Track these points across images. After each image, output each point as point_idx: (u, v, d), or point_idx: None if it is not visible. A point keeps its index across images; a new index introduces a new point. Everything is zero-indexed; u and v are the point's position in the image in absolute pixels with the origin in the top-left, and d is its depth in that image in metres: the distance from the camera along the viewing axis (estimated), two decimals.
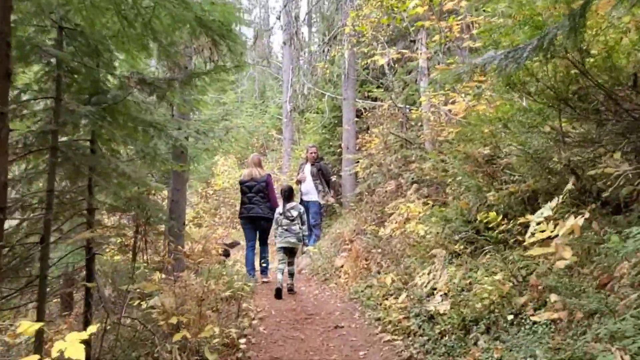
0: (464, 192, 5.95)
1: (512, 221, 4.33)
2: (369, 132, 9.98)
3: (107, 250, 9.89)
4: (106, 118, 4.39)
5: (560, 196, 3.50)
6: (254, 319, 5.77)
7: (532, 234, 3.40)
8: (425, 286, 4.60)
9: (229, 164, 20.83)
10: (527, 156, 4.02)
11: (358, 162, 9.99)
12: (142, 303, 5.32)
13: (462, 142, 5.70)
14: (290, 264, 7.38)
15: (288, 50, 15.04)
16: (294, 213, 7.41)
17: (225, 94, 27.88)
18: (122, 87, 4.52)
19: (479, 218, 4.43)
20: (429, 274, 4.62)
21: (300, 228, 7.39)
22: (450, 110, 6.60)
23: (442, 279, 4.34)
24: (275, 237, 7.53)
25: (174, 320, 4.49)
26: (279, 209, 7.62)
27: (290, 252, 7.37)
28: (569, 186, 3.47)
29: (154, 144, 5.13)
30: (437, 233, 5.69)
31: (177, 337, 3.73)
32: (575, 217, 3.24)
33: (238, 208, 9.03)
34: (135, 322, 4.51)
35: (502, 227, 4.11)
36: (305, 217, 7.73)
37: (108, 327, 4.51)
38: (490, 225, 4.25)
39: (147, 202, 7.36)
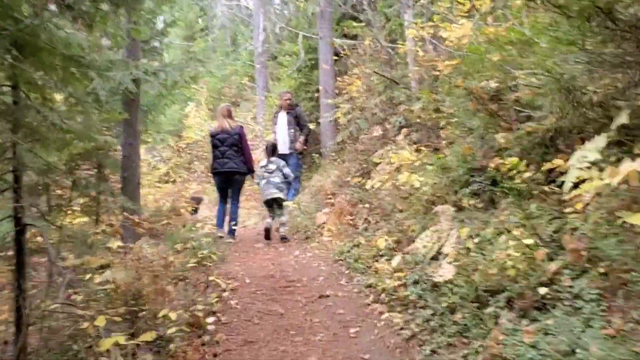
0: (463, 135, 5.11)
1: (530, 167, 3.53)
2: (349, 74, 9.00)
3: (69, 213, 8.98)
4: (23, 56, 3.40)
5: (609, 132, 2.67)
6: (224, 290, 4.96)
7: (575, 185, 2.59)
8: (427, 248, 3.81)
9: (201, 115, 19.64)
10: (556, 85, 3.16)
11: (338, 107, 9.06)
12: (94, 277, 4.46)
13: (462, 76, 4.81)
14: (280, 215, 7.61)
15: None
16: (272, 166, 7.64)
17: (194, 42, 26.33)
18: (36, 14, 3.51)
19: (491, 165, 3.60)
20: (432, 233, 3.82)
21: (281, 179, 7.63)
22: (444, 40, 5.68)
23: (449, 240, 3.54)
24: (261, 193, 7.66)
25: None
26: (262, 162, 7.70)
27: (275, 203, 7.64)
28: (622, 119, 2.63)
29: (92, 89, 4.15)
30: (434, 184, 4.88)
31: (105, 345, 2.87)
32: (634, 160, 2.42)
33: (211, 162, 8.20)
34: (72, 309, 3.65)
35: (526, 175, 3.29)
36: (287, 169, 7.79)
37: (45, 314, 3.68)
38: (509, 174, 3.43)
39: (104, 159, 6.43)
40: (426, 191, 4.86)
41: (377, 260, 4.97)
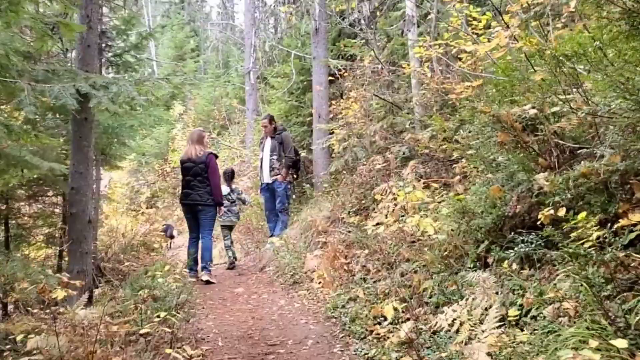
0: (485, 171, 4.22)
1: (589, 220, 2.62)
2: (345, 97, 8.15)
3: (33, 242, 7.95)
4: None
5: None
6: (191, 358, 3.97)
7: None
8: (453, 327, 2.86)
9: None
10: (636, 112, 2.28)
11: (332, 133, 8.19)
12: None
13: (485, 100, 3.94)
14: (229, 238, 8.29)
15: (248, 3, 12.95)
16: (233, 196, 8.29)
17: (183, 62, 25.56)
18: None
19: (541, 216, 2.69)
20: (461, 307, 2.88)
21: (239, 208, 8.59)
22: (458, 59, 4.84)
23: (487, 320, 2.60)
24: (219, 217, 7.54)
25: None
26: (224, 190, 7.61)
27: (229, 229, 8.43)
28: None
29: (17, 103, 3.21)
30: (451, 230, 3.96)
31: None
32: None
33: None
34: None
35: (594, 233, 2.37)
36: (245, 195, 8.75)
37: None
38: (563, 228, 2.52)
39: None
40: (441, 240, 3.93)
41: (379, 323, 4.01)
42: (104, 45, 7.37)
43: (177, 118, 21.02)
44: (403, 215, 4.48)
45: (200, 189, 6.66)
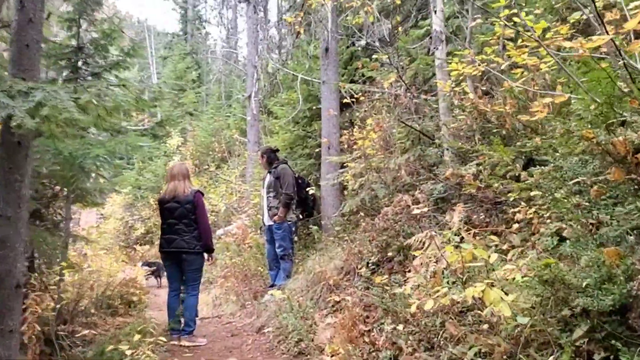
0: (568, 219, 3.01)
1: None
2: (359, 125, 7.02)
3: None
4: None
5: None
6: None
7: None
8: None
9: None
10: None
11: (344, 166, 7.03)
12: None
13: (579, 122, 2.78)
14: None
15: (250, 24, 11.98)
16: None
17: (183, 93, 24.70)
18: None
19: None
20: None
21: None
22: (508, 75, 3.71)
23: None
24: None
25: None
26: None
27: None
28: None
29: None
30: (531, 308, 2.74)
31: None
32: None
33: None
34: None
35: None
36: None
37: None
38: None
39: None
40: (518, 322, 2.70)
41: None
42: (80, 62, 6.33)
43: (175, 150, 19.98)
44: (455, 282, 3.25)
45: (187, 234, 5.53)
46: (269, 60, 9.36)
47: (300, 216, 7.32)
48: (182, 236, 5.51)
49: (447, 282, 3.51)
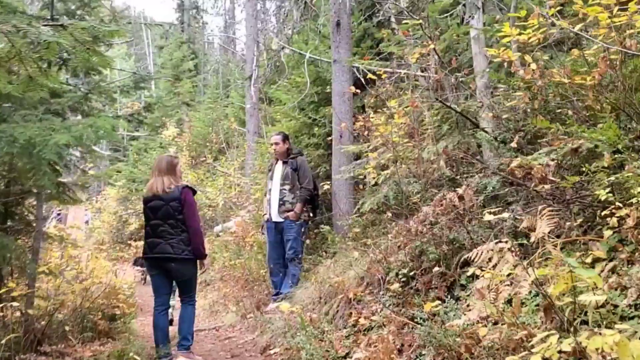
0: None
1: None
2: (378, 110, 5.98)
3: None
4: None
5: None
6: None
7: None
8: None
9: (182, 164, 16.46)
10: None
11: (359, 158, 6.01)
12: None
13: None
14: None
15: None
16: None
17: (180, 82, 23.61)
18: None
19: None
20: None
21: None
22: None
23: None
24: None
25: None
26: None
27: None
28: None
29: None
30: None
31: None
32: None
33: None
34: None
35: None
36: None
37: None
38: None
39: None
40: None
41: None
42: None
43: (171, 141, 18.92)
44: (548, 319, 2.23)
45: (173, 237, 4.52)
46: (272, 37, 8.27)
47: (312, 214, 6.30)
48: (167, 240, 4.51)
49: (531, 316, 2.52)
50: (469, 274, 3.18)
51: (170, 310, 5.30)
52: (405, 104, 5.03)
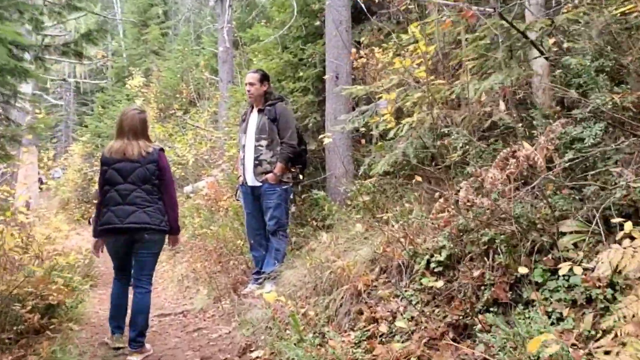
0: None
1: None
2: (383, 45, 4.59)
3: None
4: None
5: None
6: None
7: None
8: None
9: (149, 117, 14.76)
10: None
11: (357, 104, 4.65)
12: None
13: None
14: None
15: None
16: None
17: (147, 28, 21.54)
18: None
19: None
20: None
21: None
22: None
23: None
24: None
25: None
26: None
27: None
28: None
29: None
30: None
31: None
32: None
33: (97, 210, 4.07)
34: None
35: None
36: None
37: None
38: None
39: None
40: None
41: None
42: None
43: (136, 92, 17.10)
44: None
45: (150, 205, 3.80)
46: None
47: (300, 176, 4.99)
48: (144, 207, 3.77)
49: None
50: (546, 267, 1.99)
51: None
52: (429, 28, 3.66)
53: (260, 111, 4.87)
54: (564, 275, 2.39)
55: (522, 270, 2.33)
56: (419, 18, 3.97)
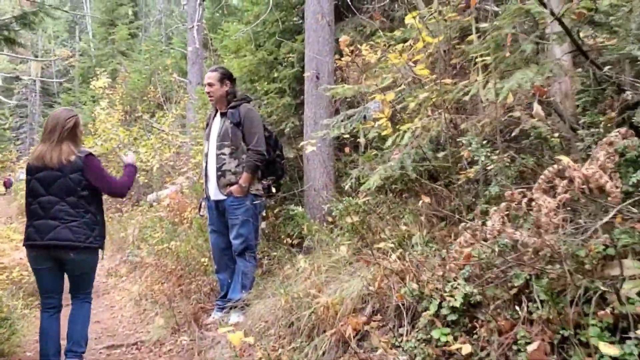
0: None
1: None
2: (372, 41, 3.94)
3: None
4: None
5: None
6: None
7: None
8: None
9: (114, 119, 13.90)
10: None
11: (338, 111, 3.97)
12: None
13: None
14: None
15: None
16: None
17: (114, 27, 20.52)
18: None
19: None
20: None
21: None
22: None
23: None
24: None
25: None
26: None
27: None
28: None
29: None
30: None
31: None
32: None
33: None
34: None
35: None
36: None
37: None
38: None
39: None
40: None
41: None
42: None
43: (101, 94, 16.08)
44: None
45: (75, 219, 3.33)
46: None
47: (273, 189, 4.28)
48: (66, 222, 3.32)
49: None
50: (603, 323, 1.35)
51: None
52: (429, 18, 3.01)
53: (223, 115, 4.18)
54: (629, 338, 1.76)
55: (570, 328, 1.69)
56: (408, 12, 3.32)
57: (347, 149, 4.02)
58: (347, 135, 3.92)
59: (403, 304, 2.53)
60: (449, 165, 2.57)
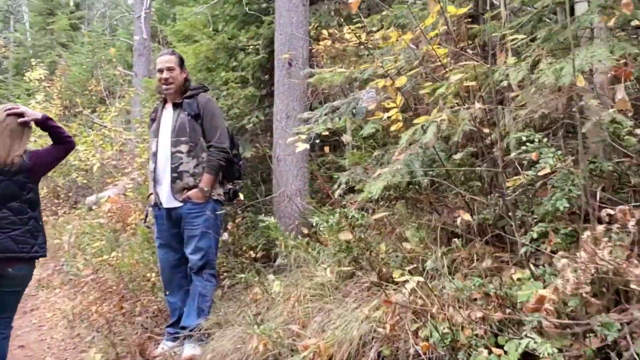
0: None
1: None
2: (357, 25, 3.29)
3: None
4: None
5: None
6: None
7: None
8: None
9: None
10: None
11: (312, 108, 3.30)
12: None
13: None
14: None
15: None
16: None
17: (52, 17, 18.94)
18: None
19: None
20: None
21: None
22: None
23: None
24: None
25: None
26: None
27: None
28: None
29: None
30: None
31: None
32: None
33: None
34: None
35: None
36: None
37: None
38: None
39: None
40: None
41: None
42: None
43: (38, 87, 14.65)
44: None
45: (17, 227, 2.89)
46: None
47: (232, 194, 3.55)
48: (9, 231, 2.88)
49: None
50: None
51: None
52: None
53: (176, 106, 3.41)
54: None
55: None
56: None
57: (326, 149, 3.34)
58: (327, 133, 3.25)
59: (425, 353, 1.87)
60: (459, 168, 1.94)
